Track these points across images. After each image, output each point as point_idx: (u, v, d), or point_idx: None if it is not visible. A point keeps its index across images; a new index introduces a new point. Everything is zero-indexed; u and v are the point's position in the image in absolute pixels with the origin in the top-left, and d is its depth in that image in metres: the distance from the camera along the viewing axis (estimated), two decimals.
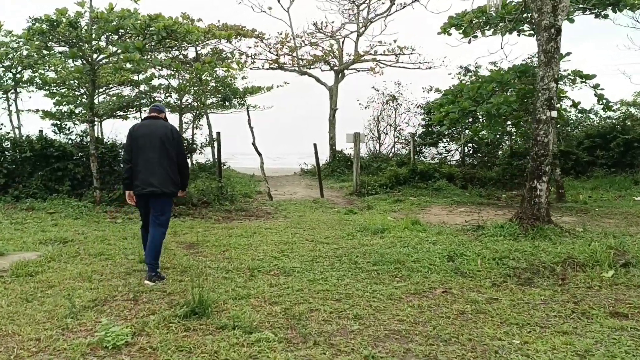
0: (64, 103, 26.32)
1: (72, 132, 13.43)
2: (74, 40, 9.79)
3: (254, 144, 15.71)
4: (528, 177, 7.98)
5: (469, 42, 15.12)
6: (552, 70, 7.75)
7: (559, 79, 14.96)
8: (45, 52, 14.64)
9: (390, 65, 24.48)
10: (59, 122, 13.37)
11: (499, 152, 23.42)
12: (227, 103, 24.11)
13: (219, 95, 22.40)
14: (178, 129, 7.25)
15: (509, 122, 15.89)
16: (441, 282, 5.82)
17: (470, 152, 24.12)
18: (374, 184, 17.02)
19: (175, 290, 5.38)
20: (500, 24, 13.59)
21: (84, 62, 10.47)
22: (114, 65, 10.28)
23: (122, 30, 10.49)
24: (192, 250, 7.41)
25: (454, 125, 15.05)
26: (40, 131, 13.55)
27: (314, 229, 9.24)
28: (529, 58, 18.03)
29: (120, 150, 13.63)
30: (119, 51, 10.15)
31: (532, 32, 15.35)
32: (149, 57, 10.37)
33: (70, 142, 13.33)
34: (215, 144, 15.10)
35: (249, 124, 15.97)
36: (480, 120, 16.47)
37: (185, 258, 6.81)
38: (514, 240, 7.58)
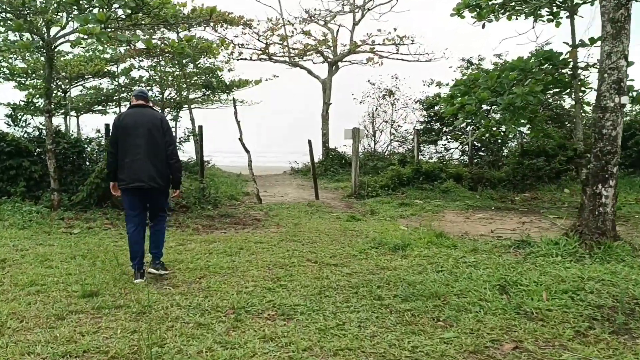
0: (37, 96, 24.46)
1: (28, 124, 11.54)
2: (21, 9, 7.94)
3: (240, 139, 13.93)
4: (589, 180, 6.30)
5: (483, 26, 13.43)
6: (622, 44, 6.08)
7: (585, 68, 13.47)
8: None
9: (387, 57, 22.79)
10: (12, 113, 11.48)
11: (505, 151, 21.88)
12: (210, 93, 22.26)
13: (202, 87, 20.48)
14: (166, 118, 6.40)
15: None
16: (504, 330, 4.11)
17: (473, 151, 22.54)
18: (374, 185, 15.31)
19: (122, 351, 3.60)
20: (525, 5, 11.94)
21: (34, 37, 8.62)
22: (71, 42, 8.46)
23: (84, 1, 8.67)
24: (158, 276, 5.62)
25: (469, 119, 13.36)
26: None
27: (314, 243, 7.49)
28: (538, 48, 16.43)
29: (86, 146, 11.80)
30: (78, 25, 8.32)
31: (550, 17, 13.78)
32: (113, 32, 8.54)
33: (26, 136, 11.45)
34: (197, 139, 13.31)
35: (236, 117, 14.18)
36: (493, 114, 14.89)
37: (148, 289, 5.03)
38: (576, 262, 5.89)
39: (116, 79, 24.19)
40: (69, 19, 9.22)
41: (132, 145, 5.43)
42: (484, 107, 12.95)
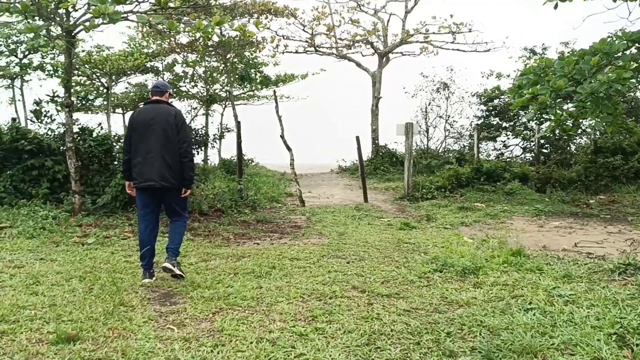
0: (82, 93, 24.14)
1: (53, 120, 10.70)
2: None
3: (282, 136, 12.76)
4: None
5: (555, 6, 11.74)
6: None
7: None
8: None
9: (441, 47, 21.13)
10: (37, 107, 10.66)
11: (572, 148, 19.89)
12: (252, 88, 21.26)
13: (239, 79, 19.43)
14: (182, 113, 5.69)
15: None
16: None
17: (534, 148, 20.64)
18: (429, 186, 13.83)
19: None
20: None
21: (44, 20, 7.65)
22: (85, 27, 7.45)
23: None
24: (163, 307, 4.46)
25: (544, 111, 11.73)
26: (14, 119, 10.87)
27: (362, 261, 6.17)
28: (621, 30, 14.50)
29: (115, 144, 10.88)
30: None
31: None
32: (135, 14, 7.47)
33: (50, 133, 10.62)
34: (236, 136, 12.24)
35: (277, 112, 13.03)
36: (564, 106, 13.13)
37: (143, 331, 3.85)
38: None
39: (160, 75, 23.65)
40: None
41: (145, 144, 5.26)
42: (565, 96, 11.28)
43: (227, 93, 24.36)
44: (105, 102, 23.23)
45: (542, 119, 21.09)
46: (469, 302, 4.45)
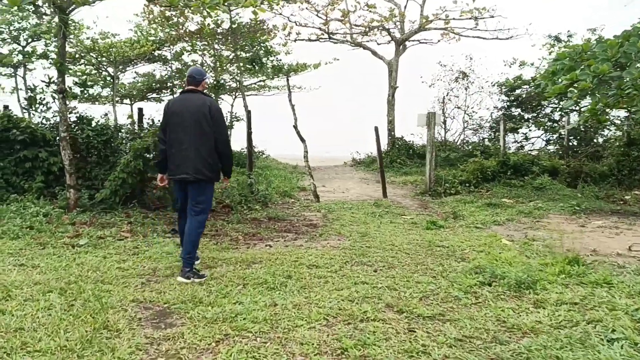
0: (83, 79, 23.41)
1: (48, 108, 9.89)
2: None
3: (295, 126, 11.89)
4: None
5: None
6: None
7: None
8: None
9: (460, 34, 20.09)
10: (31, 94, 9.86)
11: (599, 140, 18.83)
12: (257, 72, 20.40)
13: (248, 62, 18.57)
14: (217, 104, 5.42)
15: None
16: None
17: (558, 140, 19.60)
18: (452, 180, 12.92)
19: None
20: None
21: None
22: (76, 2, 6.61)
23: None
24: (156, 330, 3.62)
25: (584, 98, 10.77)
26: (5, 107, 10.07)
27: (392, 269, 5.30)
28: None
29: (115, 134, 10.06)
30: None
31: None
32: None
33: (45, 122, 9.83)
34: (245, 127, 11.37)
35: (290, 101, 12.16)
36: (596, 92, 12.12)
37: None
38: None
39: (168, 64, 22.88)
40: None
41: (177, 135, 5.14)
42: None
43: (237, 83, 23.58)
44: (112, 93, 22.52)
45: (569, 110, 20.12)
46: (534, 328, 3.57)
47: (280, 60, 20.59)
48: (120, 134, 10.10)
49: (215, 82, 13.01)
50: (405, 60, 21.60)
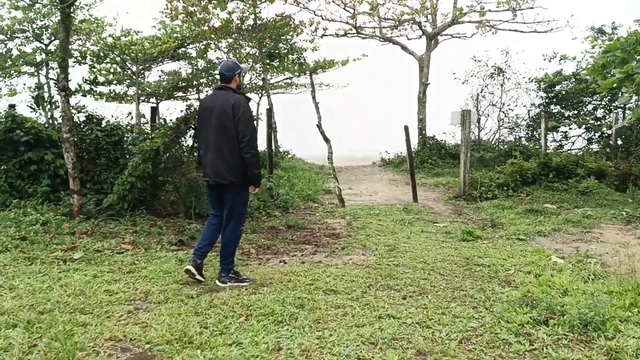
0: (114, 82, 23.12)
1: (56, 107, 9.34)
2: None
3: (319, 125, 11.11)
4: None
5: None
6: None
7: None
8: None
9: (496, 27, 18.98)
10: (38, 92, 9.32)
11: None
12: (274, 62, 19.70)
13: (267, 57, 17.92)
14: (244, 101, 4.92)
15: None
16: None
17: (602, 140, 18.33)
18: (489, 184, 11.97)
19: None
20: None
21: None
22: None
23: None
24: None
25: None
26: (11, 106, 9.56)
27: (424, 295, 4.46)
28: None
29: (126, 135, 9.47)
30: None
31: None
32: None
33: (50, 122, 9.27)
34: (265, 126, 10.65)
35: (314, 97, 11.39)
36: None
37: None
38: None
39: (193, 62, 22.42)
40: None
41: (204, 135, 5.00)
42: None
43: (263, 81, 22.95)
44: (137, 91, 22.15)
45: (613, 107, 18.85)
46: None
47: (306, 57, 19.86)
48: (132, 134, 9.49)
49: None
50: (437, 56, 20.68)
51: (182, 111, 8.69)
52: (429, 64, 19.70)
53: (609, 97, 18.59)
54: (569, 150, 19.31)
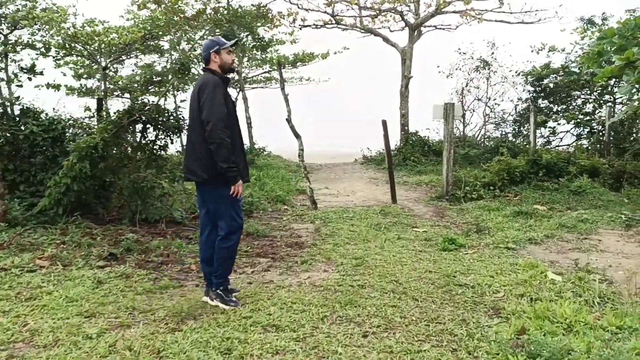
0: (85, 76, 21.99)
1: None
2: None
3: (289, 120, 10.12)
4: None
5: None
6: None
7: None
8: None
9: (481, 17, 18.06)
10: None
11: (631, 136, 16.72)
12: (232, 41, 18.64)
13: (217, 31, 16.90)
14: (212, 82, 4.11)
15: None
16: None
17: (586, 134, 17.53)
18: (474, 183, 11.05)
19: None
20: None
21: None
22: None
23: None
24: None
25: None
26: None
27: (390, 332, 3.49)
28: None
29: (67, 131, 8.40)
30: None
31: None
32: None
33: None
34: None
35: (282, 89, 10.38)
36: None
37: None
38: None
39: (166, 55, 21.29)
40: None
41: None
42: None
43: (237, 74, 21.92)
44: (102, 85, 20.99)
45: (602, 101, 18.07)
46: None
47: (277, 50, 18.92)
48: (74, 129, 8.42)
49: (178, 65, 11.21)
50: (420, 48, 19.69)
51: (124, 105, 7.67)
52: (411, 56, 18.75)
53: (598, 91, 17.83)
54: (556, 146, 18.51)
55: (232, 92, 24.57)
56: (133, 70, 23.57)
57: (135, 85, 24.19)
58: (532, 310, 3.83)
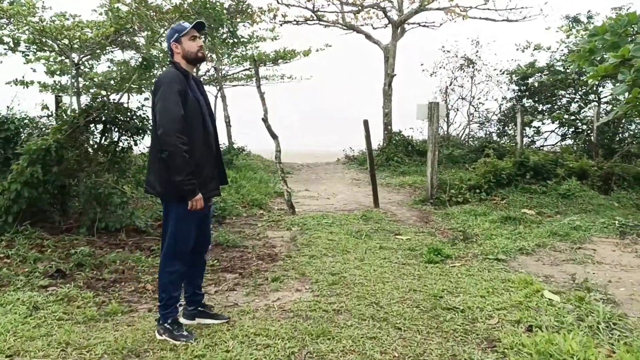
0: (58, 72, 21.08)
1: None
2: None
3: (265, 119, 9.54)
4: None
5: None
6: None
7: None
8: None
9: (466, 14, 17.65)
10: None
11: (624, 135, 16.45)
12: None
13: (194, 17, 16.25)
14: (167, 79, 3.40)
15: None
16: None
17: (571, 134, 17.22)
18: (459, 186, 10.57)
19: None
20: None
21: None
22: None
23: None
24: None
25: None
26: None
27: None
28: None
29: (21, 130, 7.74)
30: None
31: None
32: None
33: None
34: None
35: (258, 87, 9.79)
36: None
37: None
38: None
39: (142, 51, 20.52)
40: None
41: None
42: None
43: (215, 71, 21.32)
44: (74, 82, 20.21)
45: (587, 101, 17.75)
46: None
47: (257, 47, 18.34)
48: (28, 129, 7.76)
49: (142, 62, 10.57)
50: (403, 46, 19.28)
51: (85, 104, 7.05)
52: (394, 54, 18.26)
53: (583, 91, 17.50)
54: (541, 146, 18.18)
55: (211, 89, 23.87)
56: (109, 67, 22.81)
57: (112, 82, 23.39)
58: (532, 342, 3.31)
